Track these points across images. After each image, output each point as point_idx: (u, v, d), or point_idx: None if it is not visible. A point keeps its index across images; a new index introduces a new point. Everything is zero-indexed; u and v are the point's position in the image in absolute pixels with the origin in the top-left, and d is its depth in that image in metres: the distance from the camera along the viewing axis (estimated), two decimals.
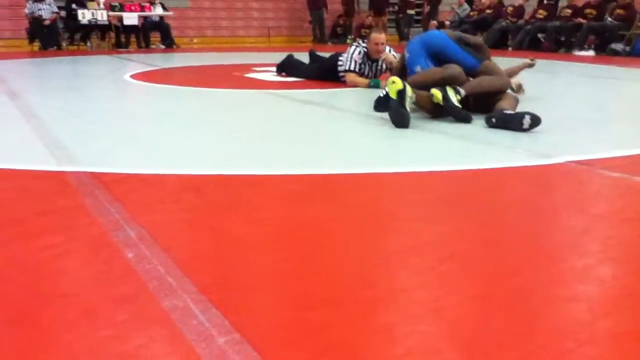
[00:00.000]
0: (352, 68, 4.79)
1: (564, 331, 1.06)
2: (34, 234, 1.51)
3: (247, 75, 5.69)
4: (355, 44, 4.92)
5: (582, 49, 9.50)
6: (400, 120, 2.96)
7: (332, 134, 2.98)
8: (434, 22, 12.59)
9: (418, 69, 3.45)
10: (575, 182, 2.14)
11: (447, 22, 12.28)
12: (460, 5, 12.54)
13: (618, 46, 9.39)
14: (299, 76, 5.30)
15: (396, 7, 13.70)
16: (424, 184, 2.05)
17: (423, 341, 1.02)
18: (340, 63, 4.93)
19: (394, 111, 2.98)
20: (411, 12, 13.70)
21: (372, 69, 4.85)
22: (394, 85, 2.99)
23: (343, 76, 4.88)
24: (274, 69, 5.67)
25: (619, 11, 9.73)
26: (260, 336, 1.01)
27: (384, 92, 3.10)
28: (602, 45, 9.57)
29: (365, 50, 4.77)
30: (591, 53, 9.32)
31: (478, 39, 4.16)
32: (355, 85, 4.71)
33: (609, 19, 9.75)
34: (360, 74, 4.81)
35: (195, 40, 12.64)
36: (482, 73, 3.37)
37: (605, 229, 1.65)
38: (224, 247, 1.44)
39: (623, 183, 2.08)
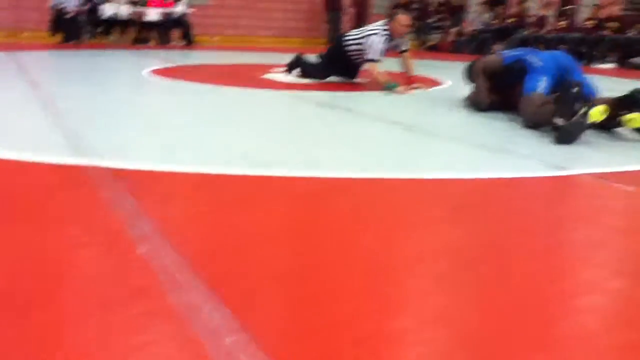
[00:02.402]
0: (377, 58, 4.82)
1: (577, 342, 1.06)
2: (50, 225, 1.53)
3: (265, 75, 5.72)
4: (374, 30, 4.89)
5: (603, 61, 9.41)
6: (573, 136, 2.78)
7: (349, 137, 2.98)
8: (454, 30, 12.55)
9: (543, 82, 3.25)
10: (591, 194, 2.12)
11: (468, 30, 12.23)
12: (481, 13, 12.48)
13: (639, 60, 9.30)
14: (315, 75, 5.34)
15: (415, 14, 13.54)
16: (440, 191, 2.05)
17: (435, 348, 1.02)
18: (354, 47, 4.95)
19: (578, 127, 2.77)
20: (430, 20, 13.58)
21: (390, 47, 4.93)
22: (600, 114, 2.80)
23: (357, 58, 4.94)
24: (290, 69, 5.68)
25: None
26: (268, 336, 1.02)
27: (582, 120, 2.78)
28: (624, 58, 9.47)
29: (388, 33, 4.83)
30: (612, 66, 9.22)
31: None
32: (372, 76, 4.78)
33: (633, 33, 9.64)
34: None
35: (215, 38, 12.72)
36: None
37: (621, 241, 1.64)
38: (235, 244, 1.45)
39: (637, 196, 2.06)
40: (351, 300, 1.18)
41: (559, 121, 2.83)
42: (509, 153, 2.66)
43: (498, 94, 3.76)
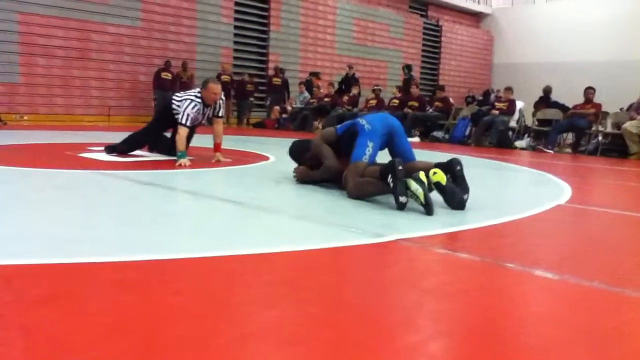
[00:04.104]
0: (185, 123, 4.95)
1: None
2: None
3: (81, 154, 5.37)
4: (190, 97, 5.04)
5: (409, 135, 10.49)
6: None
7: (170, 216, 2.87)
8: (277, 108, 13.13)
9: (369, 148, 3.49)
10: (406, 259, 2.26)
11: (289, 108, 12.87)
12: (301, 93, 13.28)
13: (439, 134, 10.56)
14: (138, 144, 5.41)
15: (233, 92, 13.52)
16: (262, 267, 2.03)
17: None
18: (175, 105, 5.08)
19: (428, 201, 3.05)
20: (252, 98, 13.96)
21: (204, 113, 5.16)
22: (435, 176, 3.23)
23: (177, 119, 5.04)
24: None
25: (438, 104, 11.03)
26: None
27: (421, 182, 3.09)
28: (426, 132, 10.67)
29: (200, 100, 5.03)
30: (417, 139, 10.30)
31: None
32: (180, 141, 4.89)
33: (430, 110, 10.97)
34: (194, 124, 5.12)
35: (25, 118, 11.76)
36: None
37: (433, 303, 1.75)
38: (37, 348, 1.27)
39: (446, 258, 2.24)
40: None
41: (403, 198, 3.11)
42: (329, 225, 2.76)
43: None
